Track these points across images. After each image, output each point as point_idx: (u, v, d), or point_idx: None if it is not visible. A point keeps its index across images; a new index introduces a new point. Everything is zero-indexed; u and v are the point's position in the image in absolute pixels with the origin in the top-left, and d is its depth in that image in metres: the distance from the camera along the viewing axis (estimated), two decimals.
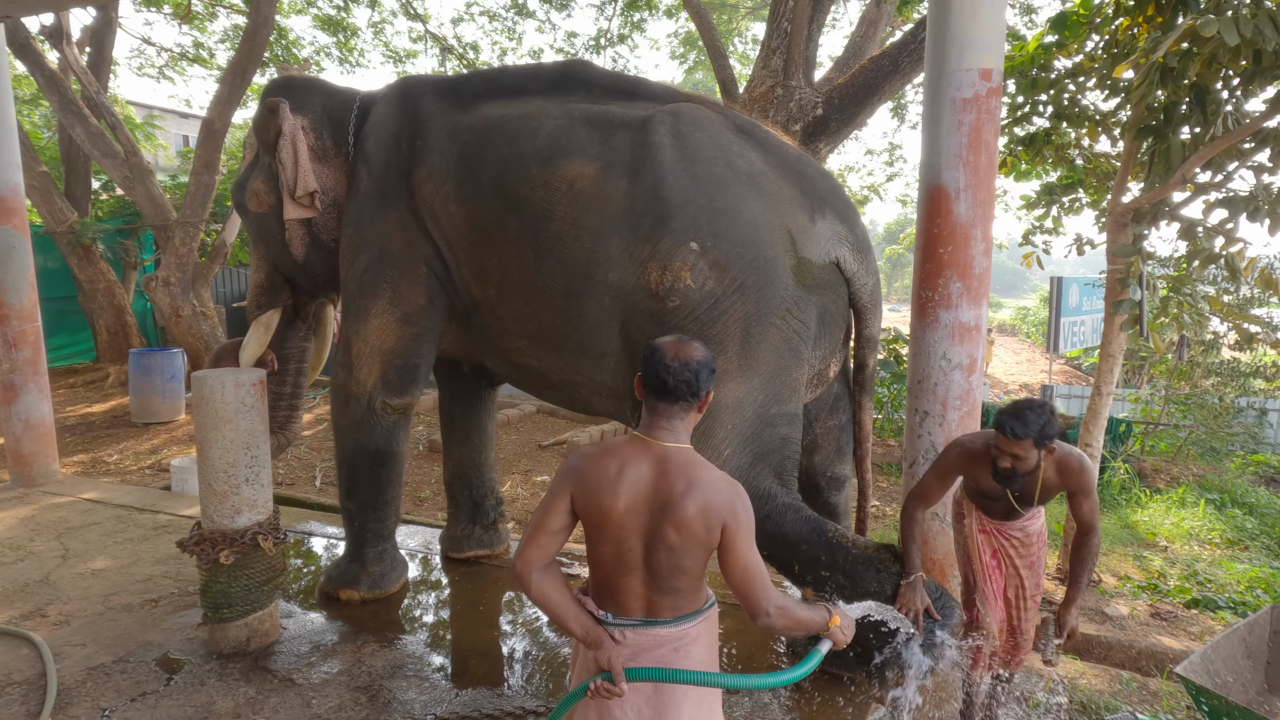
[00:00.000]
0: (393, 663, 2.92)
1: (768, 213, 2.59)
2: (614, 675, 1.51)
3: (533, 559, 1.54)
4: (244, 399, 2.88)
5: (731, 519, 1.50)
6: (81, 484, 5.33)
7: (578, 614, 1.57)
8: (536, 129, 2.84)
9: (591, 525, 1.55)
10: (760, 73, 6.54)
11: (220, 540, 2.86)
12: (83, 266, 9.67)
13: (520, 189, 2.80)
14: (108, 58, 10.06)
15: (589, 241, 2.68)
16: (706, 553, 1.53)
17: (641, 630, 1.57)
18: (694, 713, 1.59)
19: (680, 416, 1.56)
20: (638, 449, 1.54)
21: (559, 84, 2.99)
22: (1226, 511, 5.73)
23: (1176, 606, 4.06)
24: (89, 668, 2.84)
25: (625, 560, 1.53)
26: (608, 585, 1.58)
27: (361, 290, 3.17)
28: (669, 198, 2.57)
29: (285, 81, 3.39)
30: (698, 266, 2.52)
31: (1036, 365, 18.56)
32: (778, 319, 2.55)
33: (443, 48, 12.45)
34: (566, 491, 1.55)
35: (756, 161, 2.68)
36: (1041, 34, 4.40)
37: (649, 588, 1.55)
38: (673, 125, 2.69)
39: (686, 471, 1.51)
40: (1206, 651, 2.57)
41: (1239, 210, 3.73)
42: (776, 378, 2.57)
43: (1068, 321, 13.63)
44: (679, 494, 1.49)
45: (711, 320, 2.53)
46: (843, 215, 2.74)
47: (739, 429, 2.55)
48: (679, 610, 1.57)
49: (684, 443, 1.57)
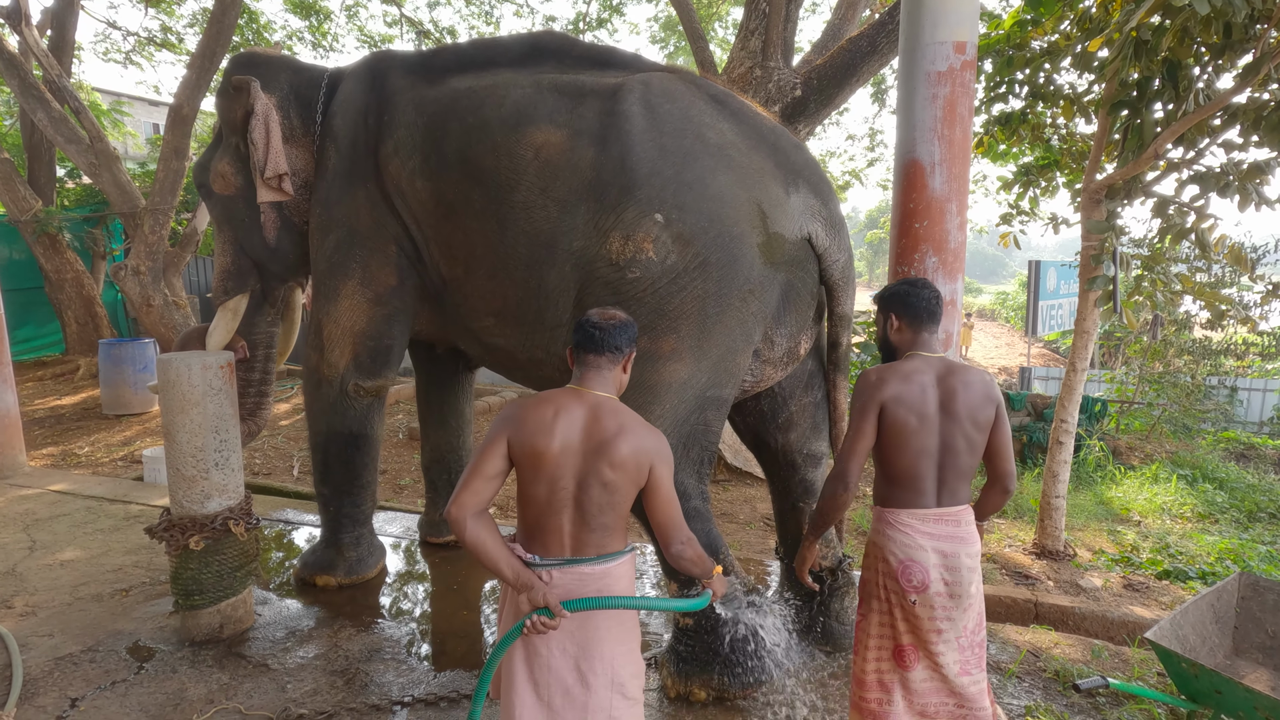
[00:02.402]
0: (370, 646, 2.89)
1: (736, 186, 2.53)
2: (551, 609, 1.61)
3: (469, 504, 1.61)
4: (211, 381, 2.82)
5: (659, 459, 1.68)
6: (50, 476, 5.21)
7: (509, 559, 1.64)
8: (503, 97, 2.77)
9: (527, 467, 1.66)
10: (739, 54, 6.49)
11: (190, 526, 2.81)
12: (49, 256, 9.43)
13: (485, 159, 2.73)
14: (70, 40, 9.77)
15: (555, 211, 2.62)
16: (635, 489, 1.68)
17: (567, 569, 1.68)
18: (615, 649, 1.72)
19: (608, 369, 1.74)
20: (571, 397, 1.70)
21: (530, 55, 2.93)
22: (1198, 486, 5.84)
23: (1149, 578, 4.14)
24: (57, 658, 2.79)
25: (557, 499, 1.66)
26: (537, 526, 1.69)
27: (331, 271, 3.11)
28: (636, 168, 2.51)
29: (250, 58, 3.27)
30: (661, 239, 2.46)
31: (1015, 349, 18.81)
32: (737, 300, 2.48)
33: (419, 32, 12.24)
34: (503, 437, 1.65)
35: (728, 133, 2.62)
36: (1016, 12, 4.41)
37: (577, 525, 1.67)
38: (643, 94, 2.63)
39: (618, 416, 1.67)
40: (1176, 617, 2.62)
41: (1210, 186, 3.77)
42: (723, 362, 2.51)
43: (1046, 305, 13.83)
44: (612, 435, 1.64)
45: (670, 295, 2.46)
46: (816, 189, 2.69)
47: (676, 410, 2.48)
48: (603, 549, 1.70)
49: (610, 393, 1.74)
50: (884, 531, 1.97)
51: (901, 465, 1.92)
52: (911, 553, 1.91)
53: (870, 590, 2.02)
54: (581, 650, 1.69)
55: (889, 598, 1.97)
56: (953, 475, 1.93)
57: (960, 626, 1.93)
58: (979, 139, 4.86)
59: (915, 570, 1.90)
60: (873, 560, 2.01)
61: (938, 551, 1.90)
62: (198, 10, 11.89)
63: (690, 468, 2.55)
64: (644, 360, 2.46)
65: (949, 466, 1.92)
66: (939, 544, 1.91)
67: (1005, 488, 2.00)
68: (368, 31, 12.80)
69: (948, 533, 1.92)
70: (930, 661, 1.93)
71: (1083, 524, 5.07)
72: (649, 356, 2.46)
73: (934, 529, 1.92)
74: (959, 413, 1.90)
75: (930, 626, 1.91)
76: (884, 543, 1.96)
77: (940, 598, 1.90)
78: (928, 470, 1.92)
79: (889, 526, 1.95)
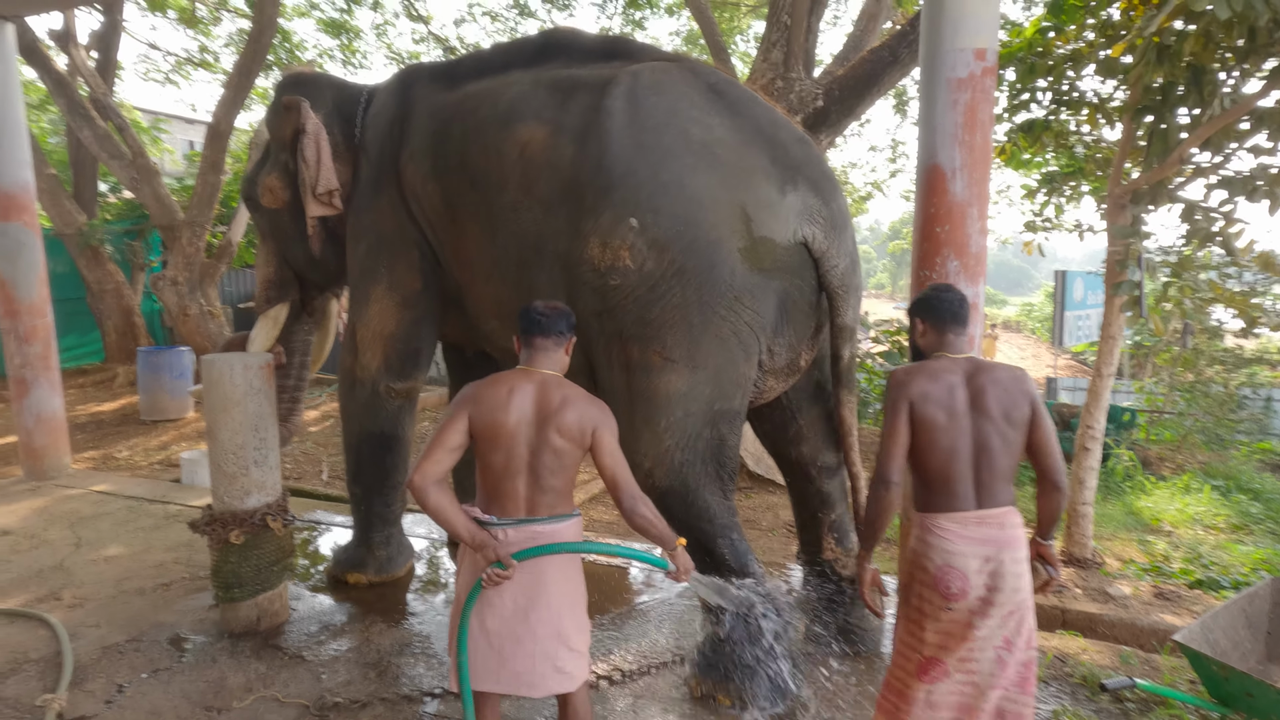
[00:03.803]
0: (400, 641, 2.96)
1: (717, 187, 2.38)
2: (503, 560, 1.78)
3: (430, 473, 1.79)
4: (252, 382, 2.93)
5: (600, 424, 1.87)
6: (93, 477, 5.40)
7: (466, 522, 1.83)
8: (499, 97, 2.76)
9: (485, 439, 1.86)
10: (760, 66, 6.57)
11: (230, 521, 2.91)
12: (91, 268, 9.77)
13: (479, 159, 2.73)
14: (113, 61, 10.17)
15: (540, 212, 2.57)
16: (581, 452, 1.88)
17: (521, 528, 1.86)
18: (560, 603, 1.89)
19: (553, 350, 1.95)
20: (522, 376, 1.91)
21: (541, 53, 2.92)
22: (1231, 497, 5.72)
23: (1180, 587, 4.07)
24: (103, 647, 2.90)
25: (513, 465, 1.86)
26: (496, 490, 1.89)
27: (363, 276, 3.21)
28: (612, 167, 2.41)
29: (298, 78, 3.41)
30: (636, 245, 2.35)
31: (1042, 360, 18.53)
32: (723, 309, 2.36)
33: (445, 48, 12.53)
34: (464, 413, 1.86)
35: (718, 129, 2.46)
36: (1039, 20, 4.43)
37: (531, 488, 1.87)
38: (630, 88, 2.51)
39: (561, 390, 1.89)
40: (1206, 621, 2.60)
41: (1238, 191, 3.74)
42: (723, 373, 2.41)
43: (1072, 315, 13.58)
44: (559, 406, 1.85)
45: (650, 303, 2.37)
46: (817, 187, 2.50)
47: (683, 424, 2.42)
48: (554, 509, 1.89)
49: (556, 372, 1.94)
50: (922, 538, 1.89)
51: (935, 466, 1.87)
52: (950, 559, 1.83)
53: (904, 597, 1.96)
54: (530, 601, 1.86)
55: (921, 606, 1.90)
56: (990, 476, 1.85)
57: (999, 635, 1.81)
58: (1002, 147, 4.86)
59: (954, 577, 1.82)
60: (909, 568, 1.94)
61: (979, 557, 1.82)
62: (234, 31, 12.30)
63: (713, 485, 2.49)
64: (638, 371, 2.42)
65: (985, 466, 1.85)
66: (981, 548, 1.82)
67: (1056, 483, 1.91)
68: (396, 49, 13.15)
69: (990, 535, 1.84)
70: (964, 674, 1.83)
71: (1111, 533, 5.00)
72: (641, 367, 2.42)
73: (975, 532, 1.83)
74: (991, 409, 1.85)
75: (965, 634, 1.82)
76: (922, 549, 1.88)
77: (979, 603, 1.82)
78: (963, 471, 1.85)
79: (928, 532, 1.88)
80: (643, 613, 3.21)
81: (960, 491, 1.86)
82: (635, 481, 1.89)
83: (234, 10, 11.73)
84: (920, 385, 1.90)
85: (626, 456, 2.50)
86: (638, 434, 2.47)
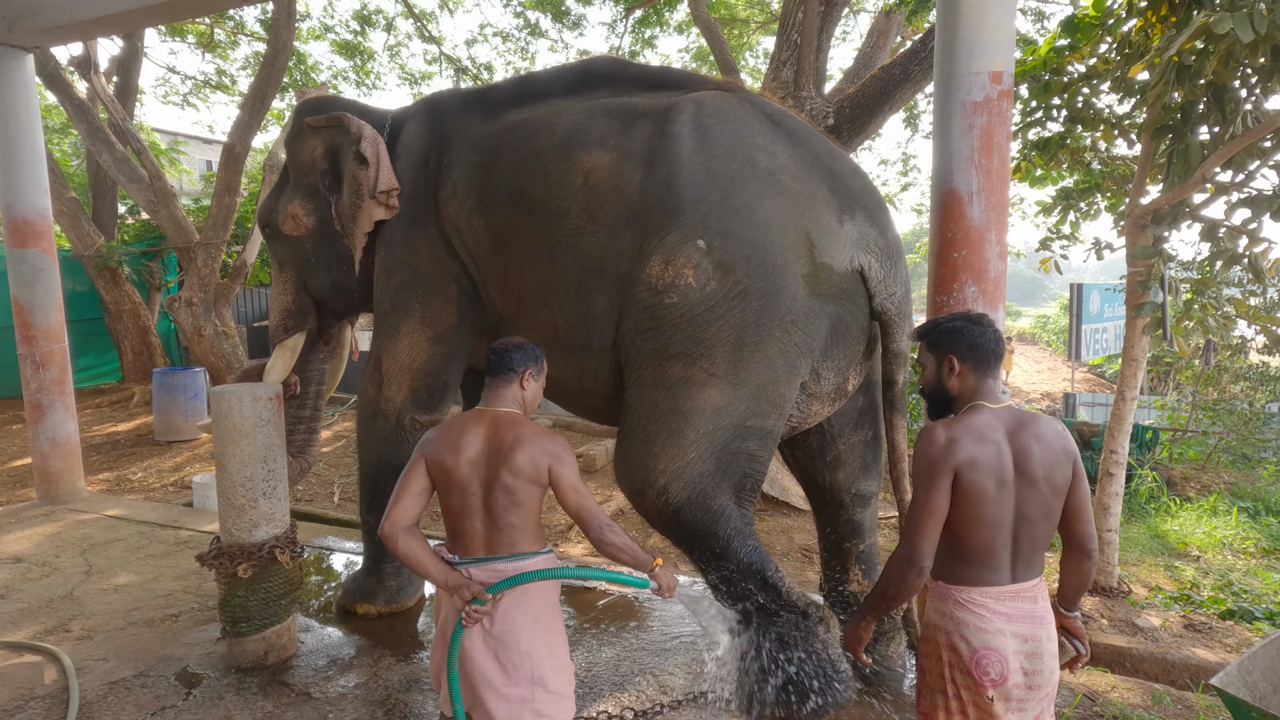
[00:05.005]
0: (409, 676, 2.91)
1: (783, 214, 2.45)
2: (478, 596, 1.80)
3: (399, 519, 1.85)
4: (261, 413, 2.92)
5: (555, 460, 1.87)
6: (106, 501, 5.41)
7: (437, 564, 1.86)
8: (554, 126, 2.76)
9: (441, 482, 1.89)
10: (770, 84, 6.56)
11: (238, 554, 2.89)
12: (109, 289, 9.90)
13: (536, 188, 2.73)
14: (134, 86, 10.35)
15: (604, 236, 2.59)
16: (539, 490, 1.88)
17: (484, 566, 1.87)
18: (533, 643, 1.87)
19: (504, 387, 1.98)
20: (474, 416, 1.94)
21: (584, 81, 2.93)
22: (1261, 520, 5.56)
23: (1211, 618, 3.94)
24: (110, 682, 2.87)
25: (468, 505, 1.87)
26: (456, 531, 1.91)
27: (395, 309, 3.15)
28: (682, 192, 2.47)
29: (319, 103, 3.40)
30: (702, 265, 2.41)
31: (1058, 374, 18.27)
32: (778, 330, 2.41)
33: (457, 69, 12.67)
34: (420, 459, 1.90)
35: (781, 157, 2.54)
36: (1053, 37, 4.38)
37: (488, 526, 1.88)
38: (694, 115, 2.57)
39: (514, 428, 1.89)
40: (1244, 662, 2.48)
41: (1262, 210, 3.65)
42: (763, 391, 2.43)
43: (1089, 329, 13.42)
44: (509, 446, 1.86)
45: (707, 323, 2.41)
46: (874, 217, 2.58)
47: (711, 436, 2.43)
48: (514, 547, 1.88)
49: (511, 409, 1.96)
50: (951, 614, 1.71)
51: (978, 540, 1.68)
52: (988, 639, 1.66)
53: (933, 683, 1.75)
54: (500, 643, 1.85)
55: (960, 694, 1.71)
56: (1028, 547, 1.69)
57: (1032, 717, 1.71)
58: (1016, 164, 4.80)
59: (992, 660, 1.65)
60: (935, 647, 1.75)
61: (1016, 636, 1.66)
62: (250, 54, 12.51)
63: (729, 491, 2.49)
64: (677, 387, 2.43)
65: (1025, 538, 1.68)
66: (1017, 626, 1.67)
67: (1087, 551, 1.74)
68: (408, 70, 13.28)
69: (1025, 611, 1.68)
70: None
71: (1137, 558, 4.87)
72: (683, 383, 2.43)
73: (1010, 608, 1.68)
74: (1035, 474, 1.66)
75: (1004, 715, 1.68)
76: (952, 627, 1.70)
77: (1019, 690, 1.66)
78: (1004, 543, 1.68)
79: (959, 607, 1.70)
80: (659, 644, 3.14)
81: (999, 565, 1.69)
82: (600, 513, 1.89)
83: (251, 34, 11.94)
84: (967, 450, 1.66)
85: (638, 479, 2.53)
86: (658, 451, 2.45)
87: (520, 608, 1.86)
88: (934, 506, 1.67)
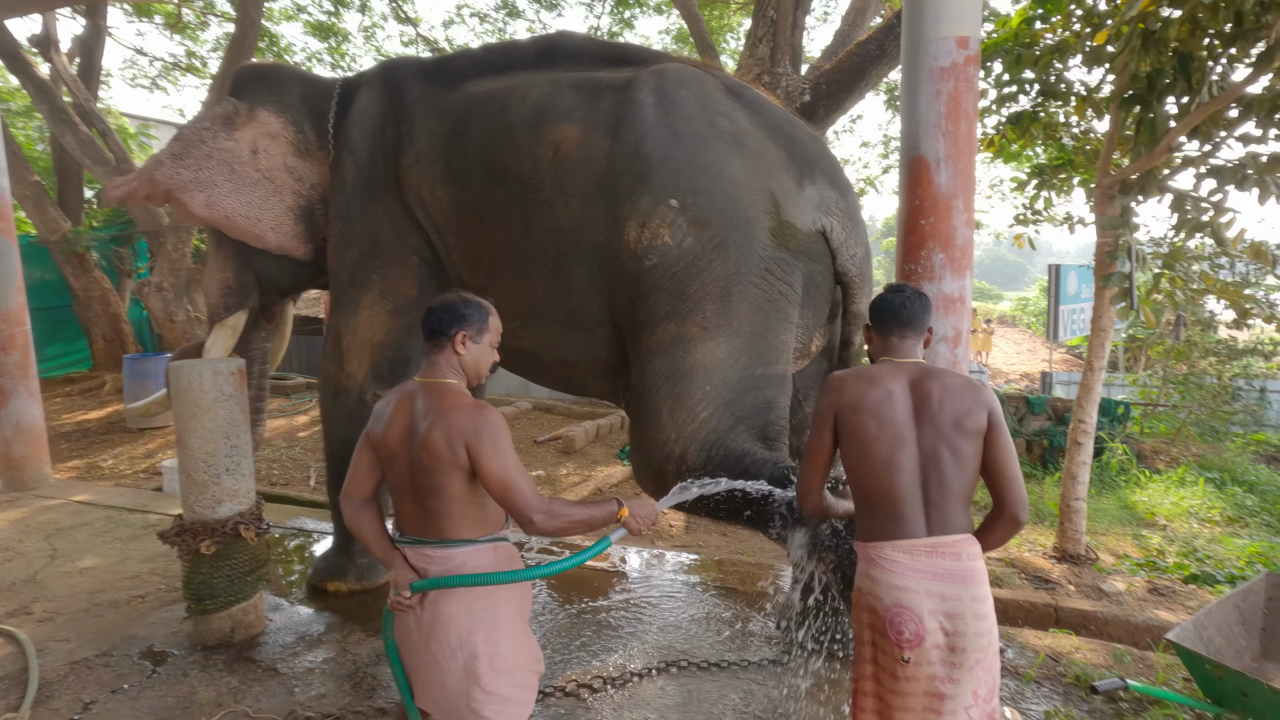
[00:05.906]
0: (378, 651, 2.89)
1: (749, 172, 2.51)
2: (399, 587, 1.70)
3: (351, 494, 1.80)
4: (223, 388, 2.86)
5: (474, 439, 1.63)
6: (73, 487, 5.31)
7: (380, 541, 1.79)
8: (523, 98, 2.77)
9: (380, 457, 1.77)
10: (747, 61, 6.52)
11: (201, 531, 2.84)
12: (77, 275, 9.68)
13: (508, 161, 2.73)
14: (97, 66, 10.07)
15: (577, 206, 2.62)
16: (460, 473, 1.65)
17: (414, 549, 1.74)
18: (471, 636, 1.68)
19: (436, 354, 1.77)
20: (408, 388, 1.78)
21: (545, 55, 2.94)
22: (1226, 490, 5.67)
23: (1175, 582, 4.02)
24: (72, 662, 2.82)
25: (400, 484, 1.74)
26: (397, 508, 1.80)
27: (352, 282, 3.10)
28: (649, 155, 2.51)
29: (257, 71, 3.30)
30: (676, 224, 2.45)
31: (1037, 354, 18.50)
32: (758, 278, 2.46)
33: (433, 50, 12.46)
34: (365, 433, 1.81)
35: (742, 121, 2.61)
36: (1024, 9, 4.37)
37: (415, 508, 1.73)
38: (657, 83, 2.63)
39: (434, 401, 1.70)
40: (1199, 618, 2.54)
41: (1228, 180, 3.69)
42: (761, 339, 2.47)
43: (1067, 309, 13.56)
44: (424, 421, 1.67)
45: (689, 278, 2.45)
46: (833, 181, 2.65)
47: (718, 391, 2.43)
48: (443, 534, 1.71)
49: (444, 378, 1.76)
50: (866, 571, 1.66)
51: (872, 484, 1.65)
52: (899, 596, 1.58)
53: (860, 651, 1.70)
54: (429, 632, 1.70)
55: (877, 659, 1.65)
56: (941, 495, 1.62)
57: (968, 692, 1.57)
58: (990, 139, 4.81)
59: (906, 619, 1.57)
60: (858, 611, 1.69)
61: (933, 595, 1.57)
62: (221, 35, 12.21)
63: (750, 435, 2.44)
64: (674, 347, 2.45)
65: (934, 484, 1.62)
66: (933, 584, 1.58)
67: (1014, 517, 1.63)
68: (384, 51, 13.05)
69: (945, 569, 1.59)
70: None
71: (1105, 528, 4.95)
72: (679, 341, 2.45)
73: (926, 564, 1.59)
74: (939, 417, 1.63)
75: (929, 689, 1.57)
76: (868, 585, 1.65)
77: (939, 651, 1.57)
78: (908, 490, 1.62)
79: (872, 565, 1.64)
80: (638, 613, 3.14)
81: (907, 514, 1.62)
82: (535, 498, 1.64)
83: (221, 15, 11.66)
84: (851, 392, 1.68)
85: (648, 451, 2.49)
86: (666, 418, 2.45)
87: (450, 599, 1.69)
88: (812, 448, 1.76)
